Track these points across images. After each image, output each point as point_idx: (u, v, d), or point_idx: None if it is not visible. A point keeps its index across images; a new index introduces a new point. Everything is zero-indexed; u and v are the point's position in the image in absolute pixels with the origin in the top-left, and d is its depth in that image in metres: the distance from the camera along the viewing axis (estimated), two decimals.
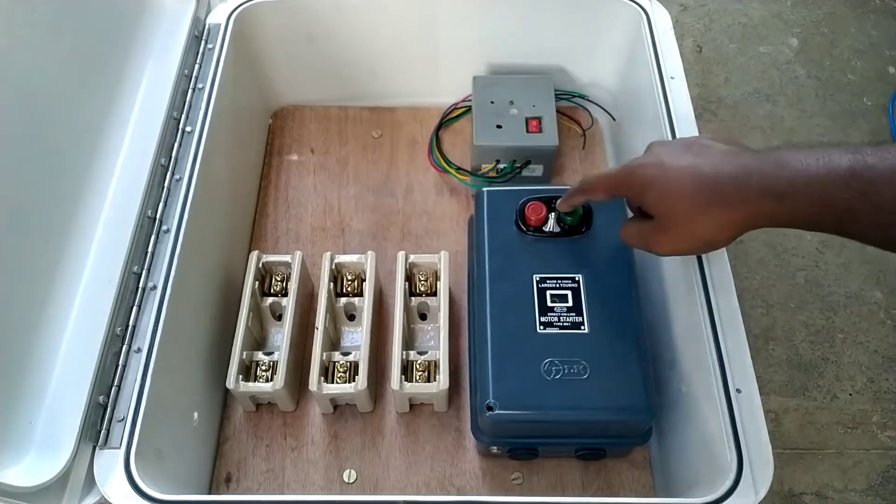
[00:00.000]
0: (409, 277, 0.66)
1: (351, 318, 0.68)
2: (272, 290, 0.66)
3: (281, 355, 0.61)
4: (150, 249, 0.58)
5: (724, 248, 0.57)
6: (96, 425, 0.50)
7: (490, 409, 0.53)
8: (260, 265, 0.66)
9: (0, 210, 0.49)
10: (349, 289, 0.66)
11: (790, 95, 1.43)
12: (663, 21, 0.71)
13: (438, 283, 0.65)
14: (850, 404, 1.07)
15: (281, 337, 0.63)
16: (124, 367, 0.53)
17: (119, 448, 0.50)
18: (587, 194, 0.56)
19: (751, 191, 0.43)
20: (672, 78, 0.67)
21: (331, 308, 0.65)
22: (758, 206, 0.43)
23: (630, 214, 0.57)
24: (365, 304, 0.64)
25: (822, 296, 1.16)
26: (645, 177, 0.48)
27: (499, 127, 0.75)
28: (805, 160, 0.41)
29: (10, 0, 0.52)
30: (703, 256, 0.56)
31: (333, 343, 0.67)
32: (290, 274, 0.65)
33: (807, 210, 0.41)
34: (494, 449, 0.58)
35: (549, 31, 0.77)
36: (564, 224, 0.61)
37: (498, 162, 0.76)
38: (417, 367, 0.61)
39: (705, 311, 0.54)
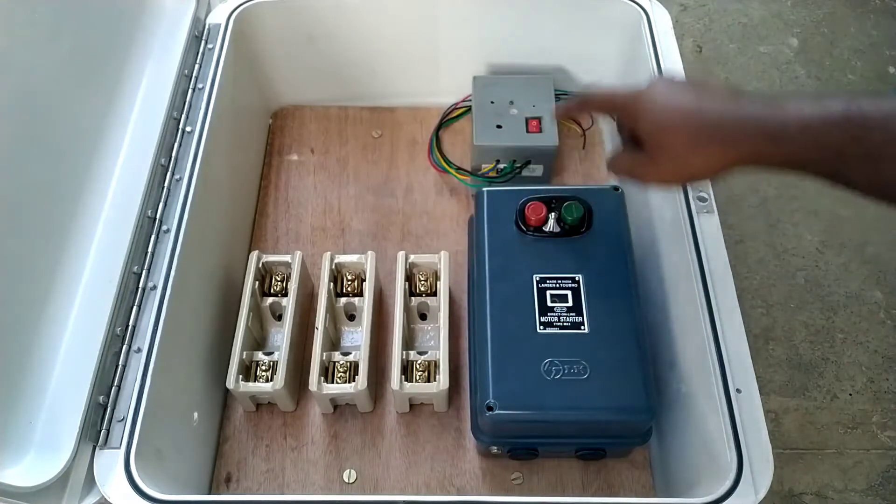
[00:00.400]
0: (409, 277, 0.66)
1: (351, 318, 0.68)
2: (272, 290, 0.66)
3: (281, 355, 0.61)
4: (150, 249, 0.58)
5: (725, 249, 0.57)
6: (96, 425, 0.50)
7: (490, 409, 0.53)
8: (260, 265, 0.66)
9: (0, 210, 0.49)
10: (349, 289, 0.66)
11: None
12: (663, 21, 0.71)
13: (438, 283, 0.65)
14: (850, 404, 1.07)
15: (281, 337, 0.63)
16: (124, 367, 0.53)
17: (119, 448, 0.49)
18: (587, 107, 0.58)
19: (747, 132, 0.44)
20: None
21: (331, 308, 0.65)
22: (752, 147, 0.44)
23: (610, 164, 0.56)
24: (365, 304, 0.64)
25: (822, 296, 1.16)
26: (647, 105, 0.49)
27: (499, 127, 0.75)
28: (801, 105, 0.42)
29: (10, 0, 0.52)
30: (704, 256, 0.56)
31: (333, 343, 0.67)
32: (290, 274, 0.65)
33: (800, 153, 0.42)
34: (494, 449, 0.58)
35: (549, 31, 0.77)
36: (564, 224, 0.61)
37: (498, 162, 0.76)
38: (417, 367, 0.61)
39: (705, 312, 0.54)
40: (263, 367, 0.62)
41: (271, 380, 0.60)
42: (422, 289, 0.66)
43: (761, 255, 1.21)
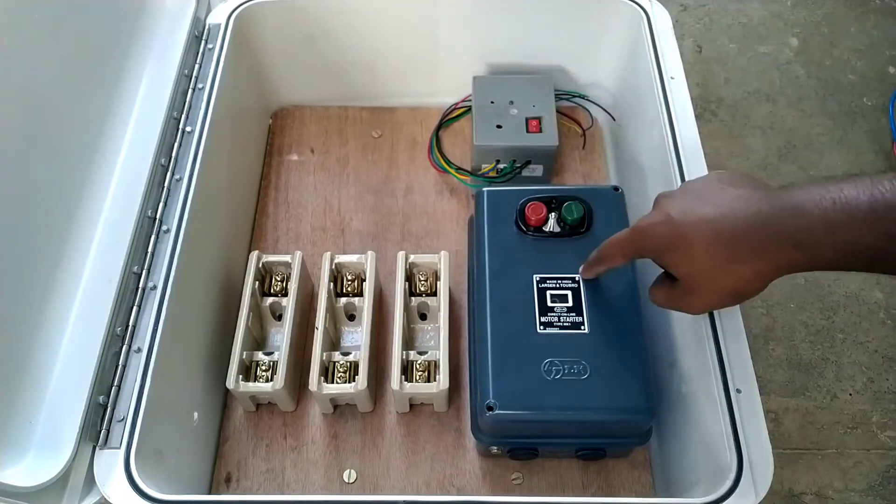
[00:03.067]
0: (409, 277, 0.66)
1: (351, 318, 0.68)
2: (272, 290, 0.66)
3: (281, 355, 0.61)
4: (150, 249, 0.58)
5: None
6: (96, 425, 0.50)
7: (490, 409, 0.53)
8: (260, 265, 0.66)
9: (0, 210, 0.49)
10: (349, 289, 0.66)
11: (790, 95, 1.43)
12: (663, 21, 0.71)
13: (438, 283, 0.65)
14: (850, 404, 1.07)
15: (281, 337, 0.63)
16: (124, 367, 0.53)
17: (119, 448, 0.49)
18: (607, 262, 0.54)
19: (768, 242, 0.41)
20: (672, 78, 0.67)
21: (331, 308, 0.65)
22: (778, 257, 0.41)
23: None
24: (365, 304, 0.64)
25: (822, 296, 1.16)
26: (659, 238, 0.46)
27: (499, 127, 0.75)
28: (822, 203, 0.38)
29: (10, 0, 0.52)
30: None
31: (333, 343, 0.67)
32: (290, 274, 0.65)
33: (832, 257, 0.39)
34: (494, 449, 0.58)
35: (549, 31, 0.77)
36: (564, 224, 0.61)
37: (498, 162, 0.76)
38: (417, 367, 0.61)
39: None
40: (263, 367, 0.62)
41: (271, 380, 0.60)
42: (422, 289, 0.66)
43: None
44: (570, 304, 0.57)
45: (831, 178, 0.39)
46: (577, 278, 0.58)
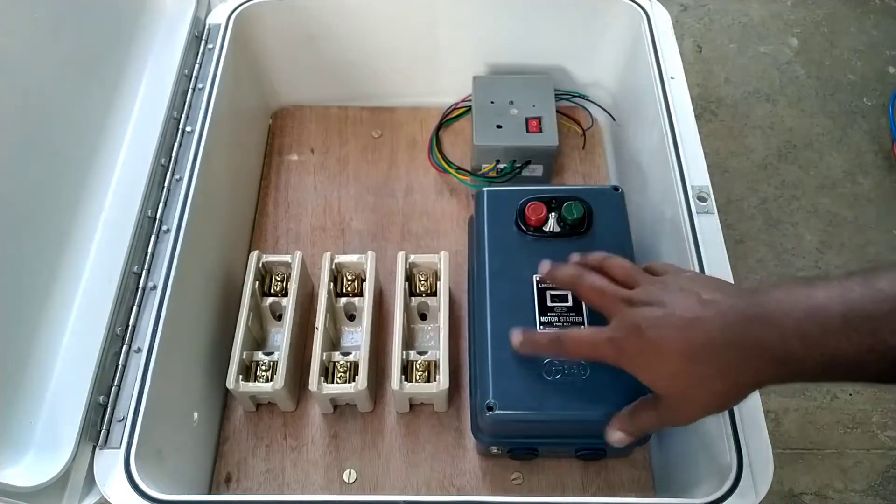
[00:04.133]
0: (409, 277, 0.66)
1: (351, 318, 0.68)
2: (272, 290, 0.66)
3: (281, 355, 0.61)
4: (150, 249, 0.58)
5: (725, 249, 0.57)
6: (96, 425, 0.50)
7: (490, 409, 0.53)
8: (260, 265, 0.66)
9: (0, 210, 0.49)
10: (349, 289, 0.66)
11: (790, 95, 1.43)
12: (663, 21, 0.71)
13: (438, 283, 0.65)
14: (850, 404, 1.07)
15: (281, 337, 0.63)
16: (124, 367, 0.53)
17: (119, 448, 0.50)
18: (568, 355, 0.52)
19: (742, 358, 0.39)
20: (672, 78, 0.67)
21: (331, 308, 0.65)
22: (753, 372, 0.39)
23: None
24: (365, 304, 0.64)
25: None
26: (630, 352, 0.44)
27: (499, 127, 0.75)
28: (793, 314, 0.36)
29: (10, 0, 0.52)
30: (704, 256, 0.56)
31: (333, 343, 0.67)
32: (290, 274, 0.65)
33: (812, 369, 0.37)
34: (494, 449, 0.58)
35: (549, 31, 0.77)
36: (565, 224, 0.61)
37: (498, 162, 0.76)
38: (417, 367, 0.61)
39: None
40: (263, 367, 0.62)
41: (271, 380, 0.60)
42: (422, 289, 0.66)
43: (761, 255, 1.21)
44: (570, 303, 0.57)
45: (799, 281, 0.37)
46: None
